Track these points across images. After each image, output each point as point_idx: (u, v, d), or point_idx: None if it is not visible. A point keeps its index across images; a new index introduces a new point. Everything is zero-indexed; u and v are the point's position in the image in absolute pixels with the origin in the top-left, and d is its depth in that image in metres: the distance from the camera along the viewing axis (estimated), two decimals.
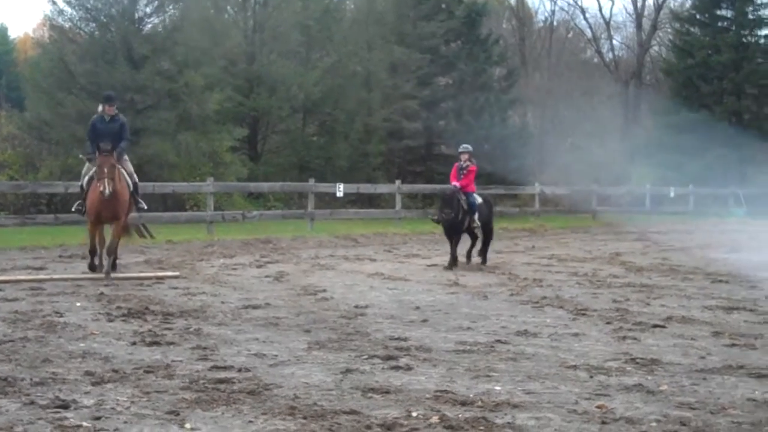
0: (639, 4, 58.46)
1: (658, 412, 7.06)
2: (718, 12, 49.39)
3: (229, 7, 41.66)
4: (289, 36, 39.26)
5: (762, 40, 50.01)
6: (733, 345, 9.95)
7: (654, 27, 58.43)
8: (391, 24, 42.51)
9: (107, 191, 14.71)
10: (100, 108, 16.50)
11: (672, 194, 41.84)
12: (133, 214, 25.75)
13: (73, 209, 17.13)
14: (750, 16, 49.09)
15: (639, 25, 58.39)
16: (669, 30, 56.66)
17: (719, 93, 46.98)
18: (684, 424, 6.74)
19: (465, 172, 18.91)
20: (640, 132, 52.85)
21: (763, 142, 45.39)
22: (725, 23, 49.26)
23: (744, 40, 48.87)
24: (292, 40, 39.53)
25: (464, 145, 19.53)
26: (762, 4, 49.56)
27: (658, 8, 58.15)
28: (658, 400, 7.47)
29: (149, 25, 35.44)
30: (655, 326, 11.07)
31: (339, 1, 46.40)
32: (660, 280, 16.25)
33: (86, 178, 16.05)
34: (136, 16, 34.26)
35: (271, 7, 39.82)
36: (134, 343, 9.56)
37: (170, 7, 35.34)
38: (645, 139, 49.99)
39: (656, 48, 60.22)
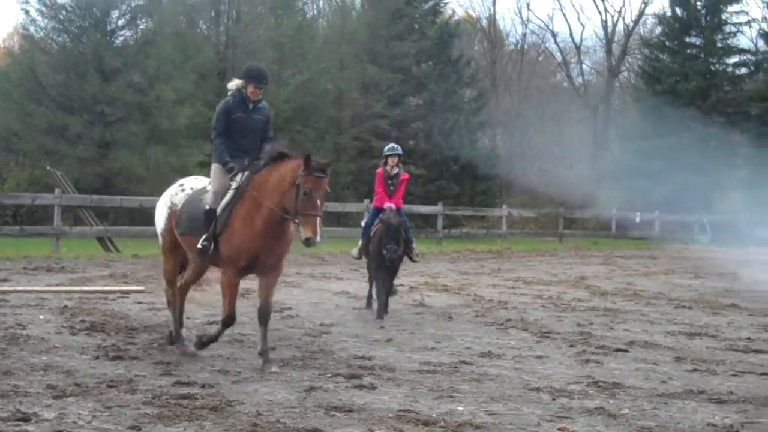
0: (609, 30, 58.91)
1: None
2: (688, 39, 49.82)
3: (201, 22, 41.71)
4: (262, 52, 39.22)
5: (730, 68, 50.47)
6: (695, 370, 10.03)
7: (624, 53, 58.88)
8: (363, 43, 42.60)
9: (318, 239, 9.35)
10: (232, 85, 10.18)
11: (638, 219, 42.10)
12: (99, 227, 25.73)
13: (199, 246, 9.69)
14: (719, 45, 49.50)
15: (609, 51, 58.79)
16: (638, 56, 57.11)
17: (687, 120, 47.34)
18: None
19: (395, 182, 14.67)
20: (608, 157, 53.22)
21: (729, 170, 45.87)
22: (694, 51, 49.69)
23: (712, 67, 49.34)
24: (265, 57, 39.48)
25: (392, 146, 15.04)
26: (731, 32, 50.06)
27: (628, 34, 58.60)
28: (619, 424, 7.51)
29: (121, 38, 35.48)
30: (618, 350, 11.14)
31: (312, 18, 46.53)
32: (624, 305, 16.33)
33: (223, 201, 9.74)
34: (109, 28, 34.32)
35: (243, 23, 39.85)
36: (97, 357, 9.51)
37: (143, 20, 35.37)
38: (612, 163, 50.36)
39: (625, 74, 60.68)
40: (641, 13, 58.35)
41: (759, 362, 10.79)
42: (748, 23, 50.37)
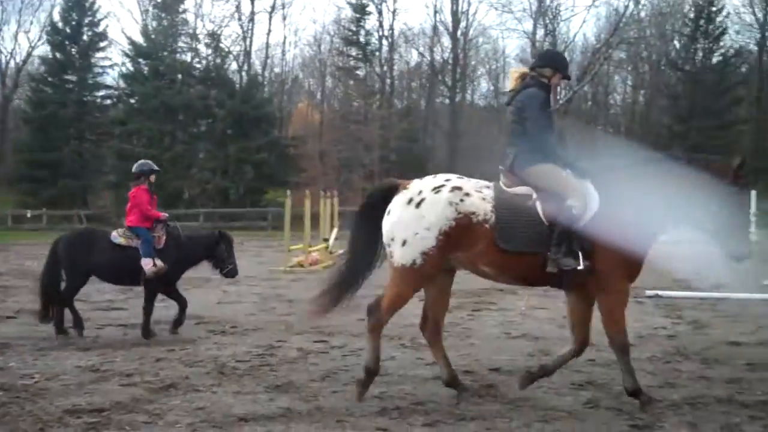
0: (3, 66, 55.32)
1: None
2: (66, 76, 48.96)
3: None
4: None
5: (99, 100, 50.76)
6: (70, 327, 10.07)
7: (16, 85, 55.83)
8: None
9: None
10: (527, 73, 6.63)
11: (29, 215, 41.29)
12: None
13: (580, 267, 5.97)
14: (90, 81, 49.50)
15: (3, 83, 55.29)
16: (28, 88, 54.30)
17: (67, 138, 46.66)
18: None
19: (153, 200, 10.12)
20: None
21: (99, 176, 46.20)
22: (71, 85, 48.89)
23: (85, 98, 49.12)
24: None
25: (148, 162, 10.38)
26: (99, 72, 50.10)
27: (19, 70, 55.71)
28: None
29: None
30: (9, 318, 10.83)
31: None
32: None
33: (591, 211, 6.08)
34: None
35: None
36: None
37: None
38: (4, 171, 48.63)
39: (18, 101, 57.31)
40: (29, 54, 55.74)
41: (117, 317, 11.18)
42: (111, 66, 50.89)
